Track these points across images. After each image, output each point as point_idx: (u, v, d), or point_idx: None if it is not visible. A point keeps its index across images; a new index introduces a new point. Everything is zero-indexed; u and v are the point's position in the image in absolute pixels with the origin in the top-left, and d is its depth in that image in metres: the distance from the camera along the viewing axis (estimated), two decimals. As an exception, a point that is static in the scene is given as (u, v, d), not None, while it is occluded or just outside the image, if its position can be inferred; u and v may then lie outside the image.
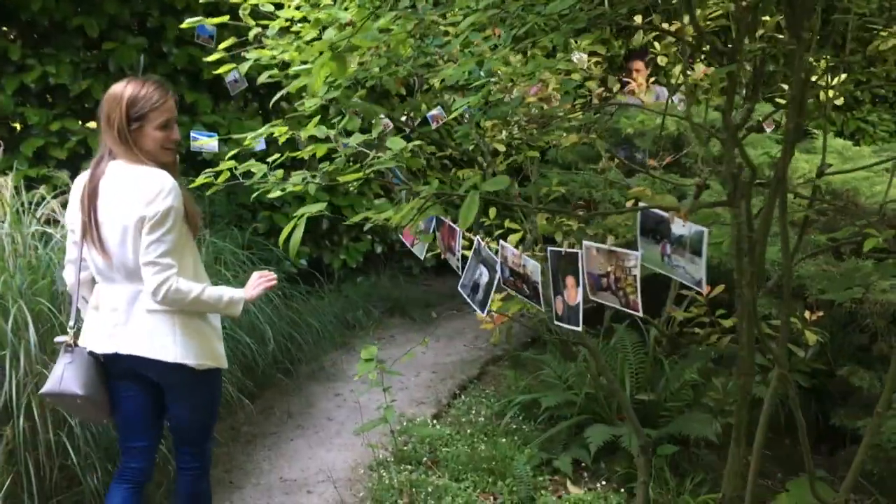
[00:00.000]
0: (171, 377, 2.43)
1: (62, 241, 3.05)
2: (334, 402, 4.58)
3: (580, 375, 3.84)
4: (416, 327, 5.94)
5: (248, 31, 2.48)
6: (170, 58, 4.87)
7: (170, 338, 2.36)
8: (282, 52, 2.23)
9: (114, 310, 2.39)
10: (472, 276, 2.02)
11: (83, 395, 2.35)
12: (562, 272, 1.68)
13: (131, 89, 2.38)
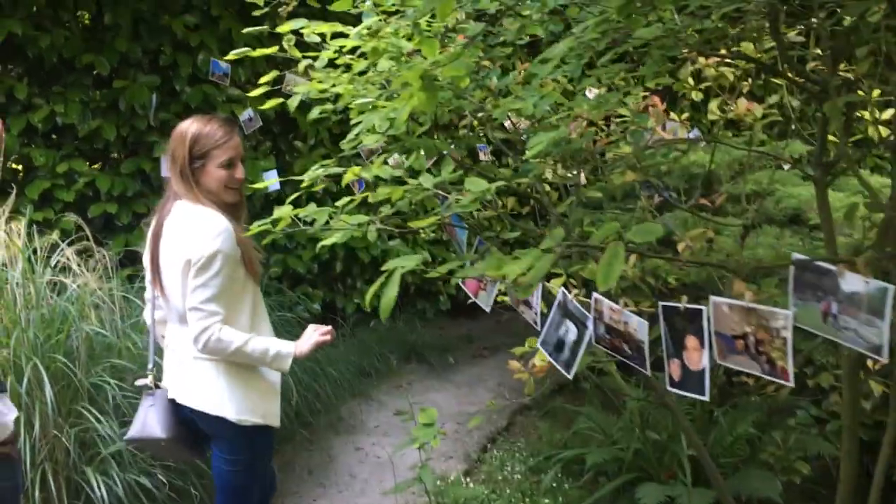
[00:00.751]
0: (212, 428, 2.31)
1: (79, 291, 2.83)
2: (356, 456, 4.32)
3: (627, 429, 3.59)
4: (435, 374, 5.69)
5: (290, 63, 2.27)
6: (182, 96, 4.68)
7: (212, 387, 2.26)
8: (332, 84, 2.03)
9: (173, 351, 2.36)
10: (556, 332, 1.80)
11: (166, 437, 2.27)
12: (679, 331, 1.46)
13: (195, 127, 2.31)
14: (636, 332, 1.58)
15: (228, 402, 2.25)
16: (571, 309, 1.75)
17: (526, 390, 3.97)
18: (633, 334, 1.59)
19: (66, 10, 4.31)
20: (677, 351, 1.47)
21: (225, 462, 2.35)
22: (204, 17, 4.71)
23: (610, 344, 1.66)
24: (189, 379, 2.29)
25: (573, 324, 1.75)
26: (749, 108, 3.84)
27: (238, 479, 2.37)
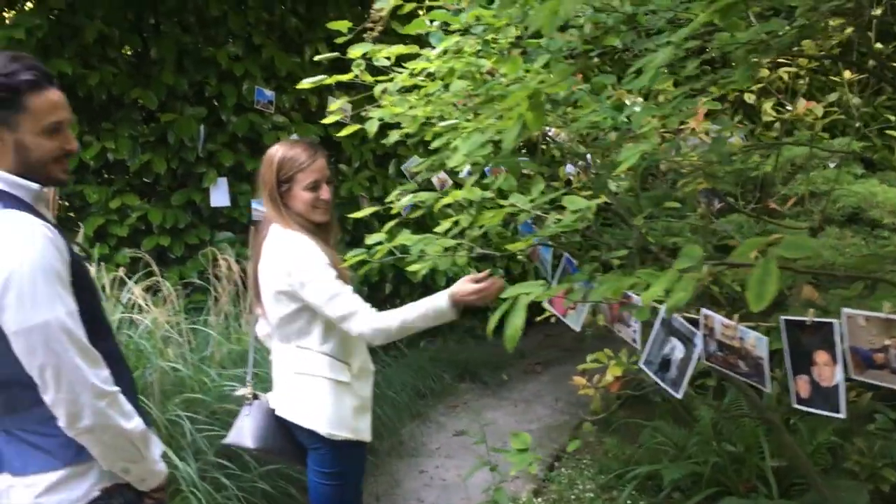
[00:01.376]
0: (306, 440, 2.38)
1: (150, 326, 2.82)
2: (420, 480, 4.26)
3: (702, 443, 3.50)
4: (489, 392, 5.62)
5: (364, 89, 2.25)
6: (229, 126, 4.70)
7: (307, 402, 2.34)
8: (410, 107, 1.99)
9: (276, 365, 2.46)
10: (660, 350, 1.74)
11: (255, 447, 2.38)
12: (806, 346, 1.40)
13: (281, 152, 2.32)
14: (754, 349, 1.52)
15: (321, 417, 2.31)
16: (677, 326, 1.69)
17: (593, 406, 3.90)
18: (750, 350, 1.53)
19: (112, 46, 4.34)
20: (805, 367, 1.41)
21: (317, 475, 2.39)
22: (247, 47, 4.74)
23: (723, 361, 1.60)
24: (288, 392, 2.38)
25: (679, 341, 1.69)
26: (808, 108, 3.76)
27: (330, 493, 2.41)
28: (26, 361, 1.56)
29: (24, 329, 1.53)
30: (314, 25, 5.09)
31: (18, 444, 1.67)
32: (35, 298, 1.53)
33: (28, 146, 1.64)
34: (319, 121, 5.09)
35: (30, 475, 1.66)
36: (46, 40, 4.10)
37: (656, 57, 1.50)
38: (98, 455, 1.66)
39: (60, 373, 1.55)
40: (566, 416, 5.03)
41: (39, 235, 1.56)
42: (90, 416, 1.59)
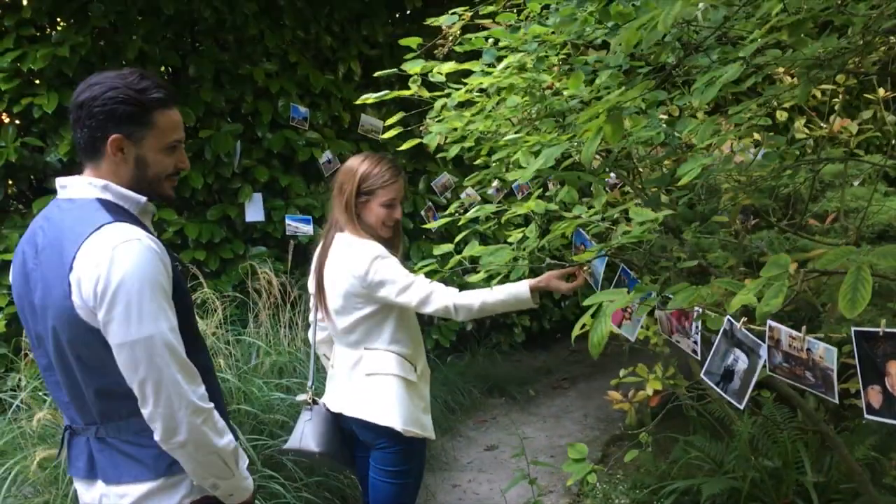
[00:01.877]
0: (377, 439, 2.44)
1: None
2: (454, 494, 4.28)
3: (740, 458, 3.50)
4: (518, 407, 5.64)
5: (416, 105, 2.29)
6: (264, 142, 4.77)
7: (382, 402, 2.41)
8: (467, 123, 2.04)
9: (339, 369, 2.53)
10: (723, 362, 1.76)
11: (320, 451, 2.45)
12: (878, 357, 1.42)
13: (366, 165, 2.41)
14: (822, 360, 1.55)
15: (395, 414, 2.39)
16: (740, 337, 1.72)
17: (628, 421, 3.91)
18: (818, 362, 1.55)
19: (152, 64, 4.42)
20: (877, 377, 1.43)
21: (383, 474, 2.46)
22: (282, 65, 4.81)
23: (789, 372, 1.63)
24: (359, 393, 2.44)
25: (743, 352, 1.72)
26: (843, 125, 3.79)
27: (394, 491, 2.47)
28: (128, 374, 1.59)
29: (128, 342, 1.56)
30: (348, 44, 5.16)
31: (112, 452, 1.69)
32: (141, 312, 1.56)
33: (148, 162, 1.70)
34: (352, 137, 5.19)
35: (123, 485, 1.69)
36: (89, 58, 4.18)
37: (726, 71, 1.54)
38: (189, 470, 1.68)
39: (160, 388, 1.58)
40: (596, 432, 5.04)
41: (147, 249, 1.59)
42: (186, 432, 1.61)
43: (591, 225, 1.61)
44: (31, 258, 1.67)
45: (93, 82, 1.66)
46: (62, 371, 1.68)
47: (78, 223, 1.61)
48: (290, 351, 3.58)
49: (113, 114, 1.64)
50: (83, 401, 1.68)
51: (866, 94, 4.11)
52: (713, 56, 1.96)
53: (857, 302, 1.01)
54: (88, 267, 1.56)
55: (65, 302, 1.58)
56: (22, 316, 1.75)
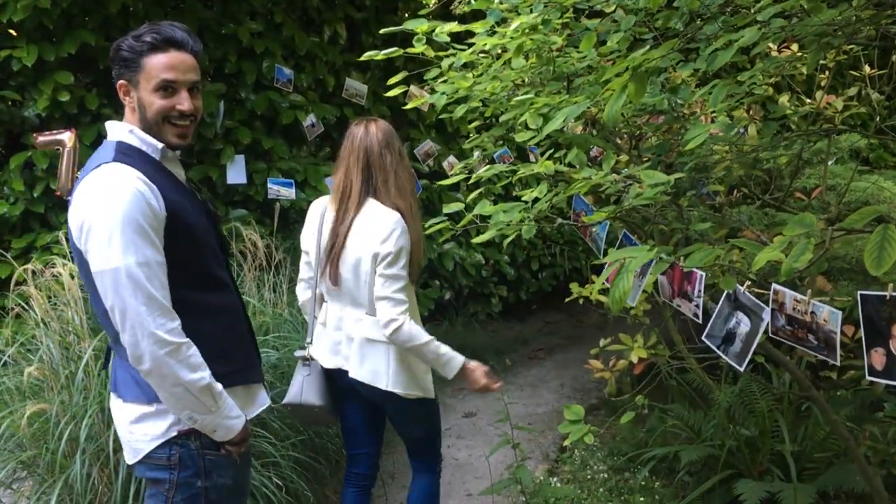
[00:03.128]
0: (385, 402, 2.58)
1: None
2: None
3: (718, 427, 3.57)
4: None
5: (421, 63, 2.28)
6: (248, 103, 4.70)
7: (383, 367, 2.49)
8: (472, 83, 2.03)
9: (338, 329, 2.58)
10: (725, 325, 1.79)
11: (320, 405, 2.56)
12: (883, 320, 1.45)
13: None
14: (826, 323, 1.58)
15: (396, 380, 2.49)
16: (744, 300, 1.75)
17: (608, 389, 3.97)
18: (822, 325, 1.59)
19: (135, 19, 4.32)
20: (881, 340, 1.47)
21: (406, 428, 2.73)
22: (267, 24, 4.74)
23: (792, 335, 1.66)
24: (360, 358, 2.52)
25: (746, 315, 1.75)
26: (829, 101, 3.83)
27: (423, 439, 2.76)
28: (105, 302, 1.72)
29: (99, 272, 1.70)
30: (334, 6, 5.10)
31: (124, 372, 1.85)
32: (111, 245, 1.67)
33: (144, 103, 1.80)
34: (336, 101, 5.14)
35: (127, 403, 1.86)
36: (70, 10, 4.08)
37: (743, 34, 1.54)
38: (162, 399, 1.78)
39: (125, 316, 1.69)
40: (573, 401, 5.10)
41: (130, 188, 1.70)
42: (148, 360, 1.70)
43: (605, 186, 1.62)
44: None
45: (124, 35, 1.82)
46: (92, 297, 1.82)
47: (91, 161, 1.78)
48: (275, 312, 3.56)
49: (117, 61, 1.81)
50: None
51: (852, 71, 4.16)
52: (719, 23, 1.97)
53: (884, 260, 1.03)
54: (78, 201, 1.73)
55: (72, 233, 1.75)
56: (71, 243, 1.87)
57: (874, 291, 1.48)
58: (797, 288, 3.73)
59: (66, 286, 2.67)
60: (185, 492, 1.86)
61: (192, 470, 1.85)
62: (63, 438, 2.47)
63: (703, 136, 1.68)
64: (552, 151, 1.86)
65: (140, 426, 1.84)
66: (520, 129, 1.87)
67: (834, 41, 1.72)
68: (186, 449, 1.84)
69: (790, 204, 4.49)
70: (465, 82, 2.04)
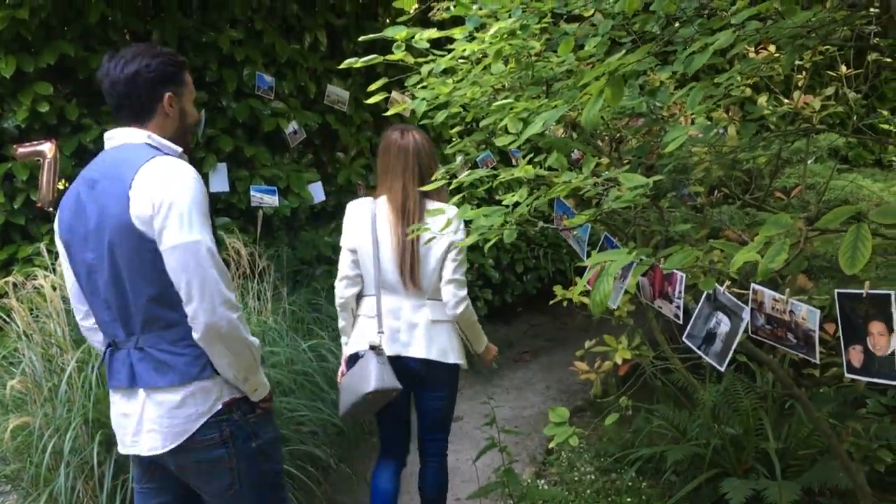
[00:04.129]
0: (441, 374, 2.93)
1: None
2: (419, 463, 4.31)
3: (703, 426, 3.59)
4: (481, 378, 5.69)
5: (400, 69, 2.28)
6: (229, 111, 4.69)
7: (448, 344, 2.91)
8: (452, 89, 2.04)
9: (395, 319, 2.88)
10: (705, 325, 1.81)
11: (398, 388, 2.76)
12: (860, 317, 1.47)
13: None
14: (804, 321, 1.60)
15: (459, 354, 2.96)
16: (723, 300, 1.77)
17: (594, 391, 3.98)
18: (800, 323, 1.61)
19: (114, 29, 4.31)
20: (859, 337, 1.49)
21: (442, 399, 3.06)
22: (248, 32, 4.74)
23: (771, 334, 1.68)
24: (427, 338, 2.87)
25: (725, 315, 1.77)
26: (806, 101, 3.87)
27: (450, 408, 3.16)
28: (176, 275, 1.87)
29: (180, 245, 1.86)
30: (314, 13, 5.10)
31: (150, 361, 1.95)
32: (192, 222, 1.88)
33: (187, 113, 2.13)
34: (317, 107, 5.14)
35: (161, 390, 1.95)
36: (49, 21, 4.06)
37: (718, 38, 1.56)
38: (226, 364, 1.95)
39: (204, 285, 1.87)
40: (559, 403, 5.12)
41: (195, 176, 1.95)
42: (225, 324, 1.89)
43: (584, 189, 1.63)
44: (85, 192, 1.97)
45: (131, 56, 2.01)
46: (113, 287, 1.94)
47: (134, 155, 1.94)
48: (260, 320, 3.56)
49: (164, 76, 2.03)
50: (128, 314, 1.94)
51: (829, 71, 4.20)
52: (695, 26, 2.00)
53: (857, 259, 1.05)
54: (146, 184, 1.87)
55: (123, 216, 1.87)
56: (70, 251, 2.03)
57: (851, 290, 1.50)
58: (779, 287, 3.78)
59: (49, 298, 2.66)
60: (245, 457, 2.03)
61: (244, 437, 2.03)
62: (47, 451, 2.46)
63: (682, 139, 1.70)
64: (533, 155, 1.88)
65: (184, 408, 1.95)
66: (500, 134, 1.89)
67: (808, 42, 1.74)
68: (231, 422, 2.01)
69: (770, 203, 4.54)
70: (444, 88, 2.05)
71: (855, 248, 1.05)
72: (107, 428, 2.53)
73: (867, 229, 1.05)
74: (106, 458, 2.50)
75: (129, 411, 2.01)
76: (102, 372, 2.54)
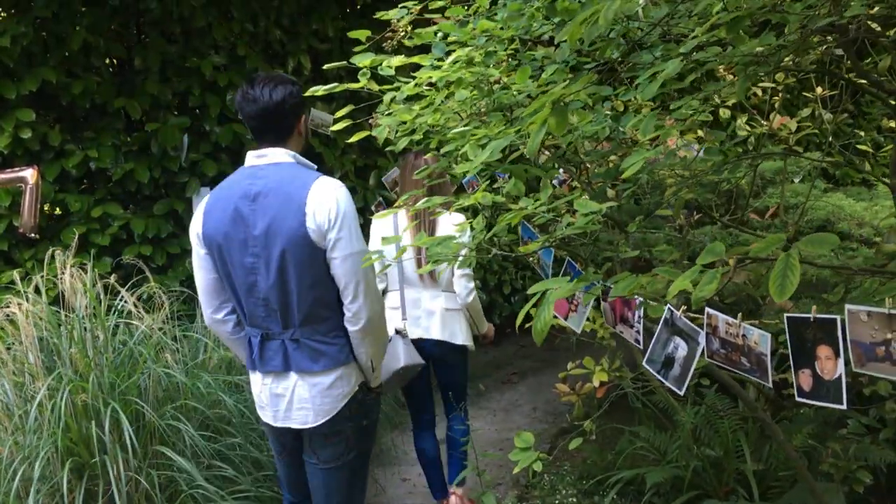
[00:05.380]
0: (453, 354, 3.54)
1: (146, 332, 2.84)
2: (403, 487, 4.30)
3: (682, 448, 3.58)
4: (468, 401, 5.66)
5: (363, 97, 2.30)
6: (212, 136, 4.71)
7: (458, 327, 3.50)
8: (416, 116, 2.06)
9: (416, 307, 3.44)
10: (664, 349, 1.82)
11: (423, 363, 3.34)
12: (809, 341, 1.48)
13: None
14: (757, 345, 1.60)
15: (466, 336, 3.55)
16: (680, 325, 1.77)
17: (575, 413, 3.98)
18: (753, 347, 1.61)
19: (97, 55, 4.34)
20: (807, 361, 1.49)
21: (456, 372, 3.67)
22: (231, 58, 4.77)
23: (726, 358, 1.68)
24: (443, 323, 3.45)
25: (683, 340, 1.77)
26: (783, 122, 3.90)
27: (465, 382, 3.78)
28: (346, 278, 2.23)
29: (353, 254, 2.22)
30: (297, 37, 5.14)
31: (304, 349, 2.30)
32: (358, 234, 2.26)
33: (306, 132, 2.46)
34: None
35: (314, 374, 2.31)
36: (31, 48, 4.09)
37: (667, 66, 1.58)
38: (372, 353, 2.38)
39: (368, 286, 2.27)
40: (545, 425, 5.10)
41: (349, 193, 2.29)
42: (379, 318, 2.35)
43: (537, 216, 1.64)
44: (245, 205, 2.24)
45: (276, 83, 2.34)
46: (277, 288, 2.24)
47: (297, 175, 2.27)
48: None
49: (301, 102, 2.40)
50: (289, 311, 2.26)
51: (805, 92, 4.23)
52: (657, 53, 2.02)
53: (787, 287, 1.06)
54: (320, 202, 2.20)
55: (299, 229, 2.18)
56: (223, 254, 2.28)
57: (799, 314, 1.51)
58: (760, 307, 3.78)
59: (21, 326, 2.66)
60: (359, 432, 2.42)
61: (362, 414, 2.41)
62: (16, 479, 2.45)
63: (639, 164, 1.71)
64: (490, 182, 1.89)
65: (334, 389, 2.33)
66: (460, 161, 1.90)
67: (759, 70, 1.76)
68: (357, 401, 2.38)
69: (753, 223, 4.56)
70: (408, 115, 2.06)
71: (784, 276, 1.06)
72: (77, 456, 2.53)
73: (796, 258, 1.06)
74: (77, 485, 2.49)
75: (282, 391, 2.35)
76: (75, 400, 2.55)
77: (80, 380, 2.55)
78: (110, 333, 2.85)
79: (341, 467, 2.42)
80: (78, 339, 2.64)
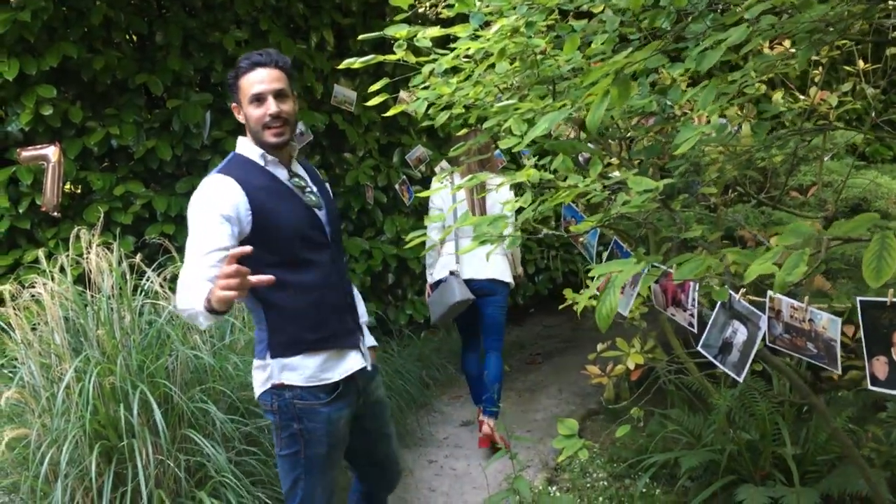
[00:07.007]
0: (499, 289, 4.27)
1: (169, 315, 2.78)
2: (430, 469, 4.25)
3: (718, 432, 3.50)
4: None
5: (399, 68, 2.21)
6: (235, 113, 4.62)
7: (503, 268, 4.26)
8: (455, 89, 1.97)
9: (472, 254, 4.00)
10: (721, 334, 1.73)
11: (473, 298, 4.13)
12: (884, 327, 1.39)
13: None
14: (825, 331, 1.52)
15: (508, 275, 4.31)
16: (740, 309, 1.68)
17: (606, 395, 3.90)
18: (821, 333, 1.52)
19: (118, 30, 4.26)
20: (882, 348, 1.40)
21: (499, 306, 4.32)
22: (253, 32, 4.68)
23: (790, 343, 1.60)
24: (494, 265, 4.19)
25: (742, 324, 1.69)
26: (823, 98, 3.77)
27: (503, 318, 4.40)
28: None
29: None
30: (320, 12, 5.04)
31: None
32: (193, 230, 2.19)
33: (247, 116, 2.30)
34: (325, 108, 5.08)
35: None
36: (52, 23, 4.01)
37: (730, 34, 1.48)
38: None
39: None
40: (572, 406, 5.03)
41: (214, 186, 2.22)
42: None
43: (590, 194, 1.55)
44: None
45: None
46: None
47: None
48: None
49: (229, 90, 2.35)
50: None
51: (846, 66, 4.10)
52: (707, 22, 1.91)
53: (883, 270, 0.97)
54: None
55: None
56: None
57: (872, 297, 1.42)
58: (795, 288, 3.67)
59: (47, 306, 2.61)
60: None
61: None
62: (45, 463, 2.41)
63: (694, 139, 1.62)
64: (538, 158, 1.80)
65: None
66: (503, 136, 1.81)
67: (825, 38, 1.66)
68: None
69: (786, 202, 4.43)
70: (446, 88, 1.97)
71: (880, 258, 0.97)
72: (105, 439, 2.48)
73: (892, 238, 0.97)
74: (105, 469, 2.44)
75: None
76: (103, 382, 2.50)
77: (107, 361, 2.49)
78: (137, 314, 2.79)
79: None
80: (105, 319, 2.58)
